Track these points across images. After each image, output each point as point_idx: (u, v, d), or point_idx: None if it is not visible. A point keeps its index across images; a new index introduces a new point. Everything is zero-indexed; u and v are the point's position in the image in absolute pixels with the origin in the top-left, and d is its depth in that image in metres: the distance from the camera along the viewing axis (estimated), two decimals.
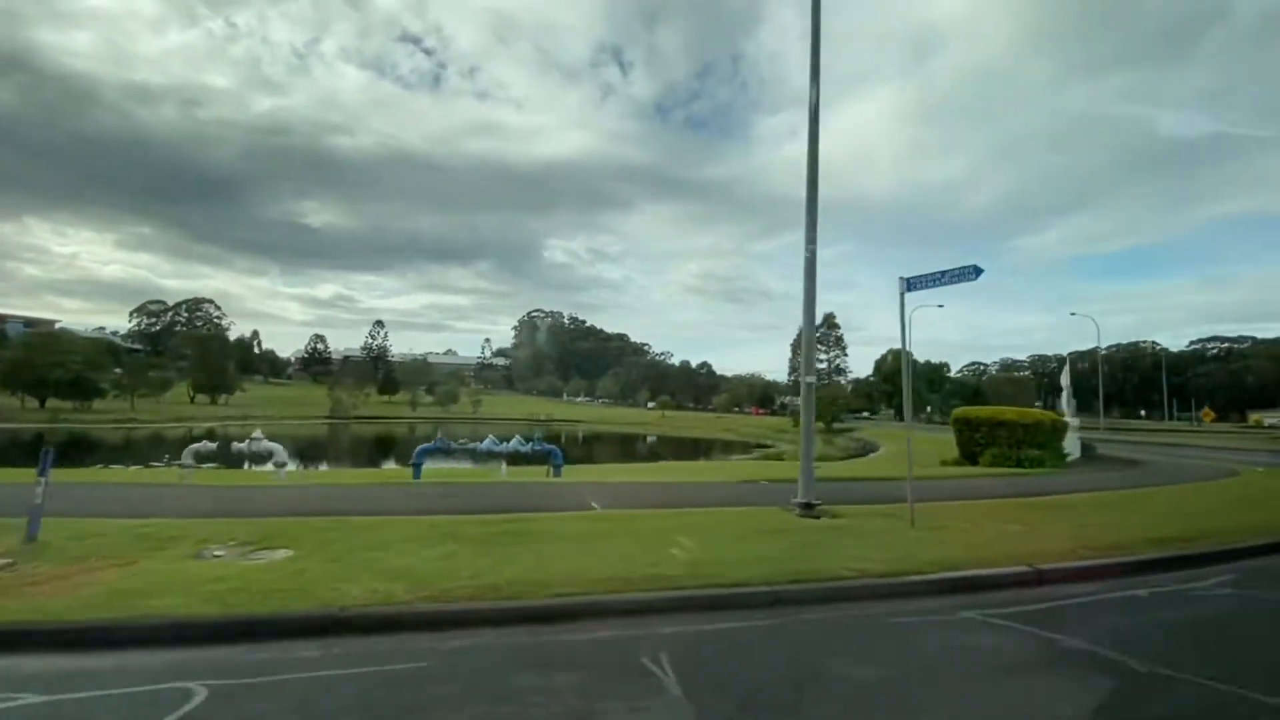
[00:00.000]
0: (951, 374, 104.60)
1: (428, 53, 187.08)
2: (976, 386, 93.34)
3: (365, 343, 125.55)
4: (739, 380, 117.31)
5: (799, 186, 9.25)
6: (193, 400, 74.27)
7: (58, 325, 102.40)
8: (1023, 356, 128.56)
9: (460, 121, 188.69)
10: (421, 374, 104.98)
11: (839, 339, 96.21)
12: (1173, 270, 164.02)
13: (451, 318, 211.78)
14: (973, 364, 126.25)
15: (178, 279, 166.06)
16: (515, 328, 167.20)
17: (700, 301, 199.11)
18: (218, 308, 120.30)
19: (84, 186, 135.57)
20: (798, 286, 9.37)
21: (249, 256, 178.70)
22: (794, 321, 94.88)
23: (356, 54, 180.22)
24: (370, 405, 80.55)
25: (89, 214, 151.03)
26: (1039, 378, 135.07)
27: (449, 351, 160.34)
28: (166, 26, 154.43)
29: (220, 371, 74.24)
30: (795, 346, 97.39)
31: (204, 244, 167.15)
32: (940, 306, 55.62)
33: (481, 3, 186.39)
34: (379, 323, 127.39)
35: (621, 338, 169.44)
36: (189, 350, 76.40)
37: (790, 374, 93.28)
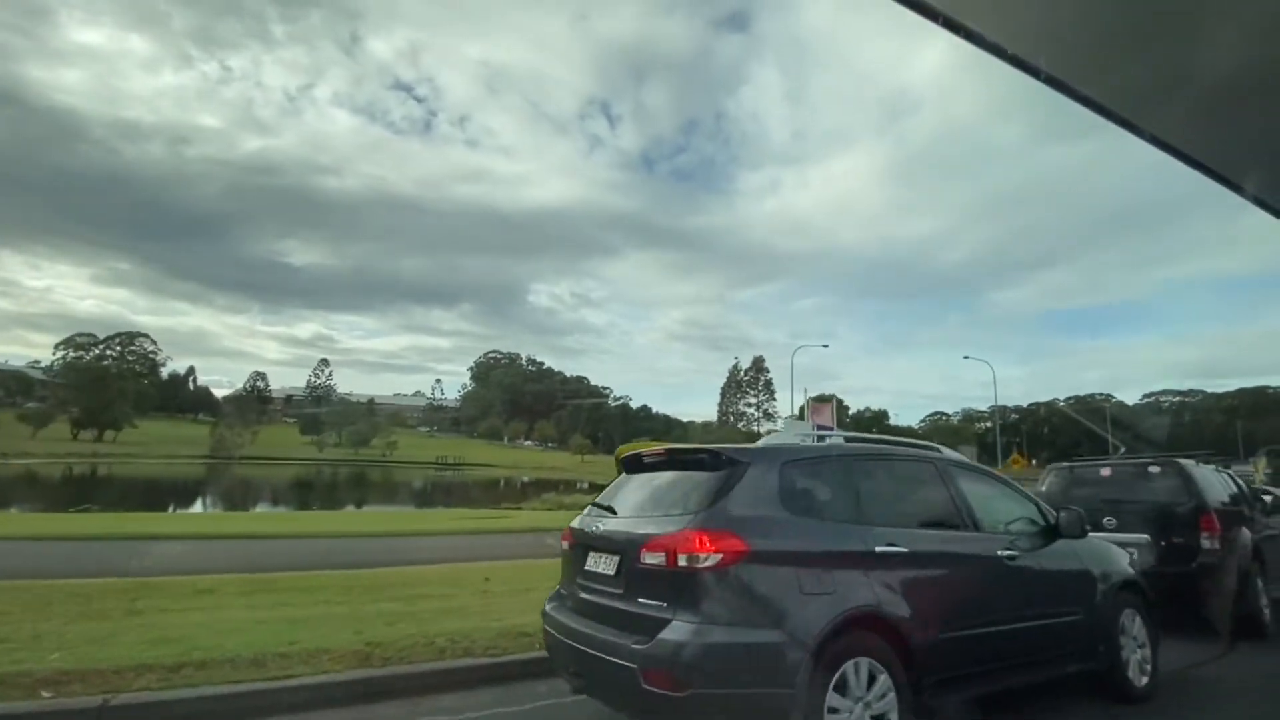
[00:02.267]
0: (897, 422, 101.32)
1: (419, 100, 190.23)
2: (914, 434, 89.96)
3: (309, 381, 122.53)
4: (676, 424, 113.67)
5: (778, 238, 6.72)
6: (75, 437, 70.08)
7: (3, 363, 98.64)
8: (984, 408, 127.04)
9: (449, 167, 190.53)
10: (349, 415, 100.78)
11: (768, 383, 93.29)
12: (1137, 327, 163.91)
13: (432, 359, 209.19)
14: (935, 413, 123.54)
15: (154, 315, 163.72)
16: (471, 368, 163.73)
17: (683, 348, 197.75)
18: (153, 342, 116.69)
19: (63, 221, 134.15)
20: (777, 335, 7.43)
21: (229, 294, 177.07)
22: (775, 368, 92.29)
23: (349, 99, 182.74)
24: (260, 445, 76.18)
25: (66, 248, 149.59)
26: (993, 427, 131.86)
27: (417, 393, 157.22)
28: (160, 67, 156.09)
29: (105, 407, 70.22)
30: (724, 391, 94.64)
31: (183, 281, 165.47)
32: (825, 346, 53.34)
33: (474, 55, 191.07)
34: (324, 361, 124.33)
35: (580, 380, 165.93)
36: (68, 383, 72.49)
37: (719, 417, 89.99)
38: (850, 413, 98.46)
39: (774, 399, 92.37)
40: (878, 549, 3.33)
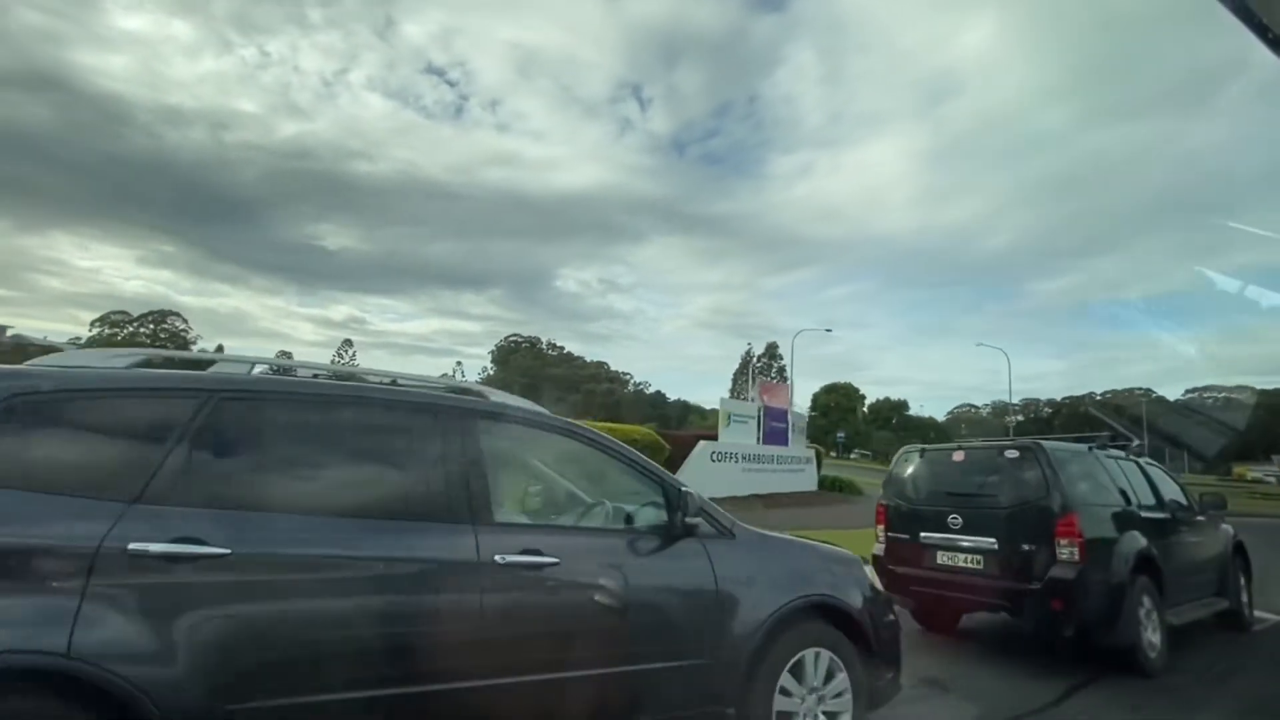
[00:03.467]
0: (921, 413, 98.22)
1: (451, 84, 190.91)
2: (933, 425, 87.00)
3: (332, 360, 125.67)
4: (695, 409, 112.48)
5: (809, 224, 5.95)
6: None
7: (10, 333, 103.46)
8: (1018, 400, 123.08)
9: (479, 151, 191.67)
10: None
11: (781, 370, 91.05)
12: (1186, 319, 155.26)
13: (462, 343, 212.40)
14: (963, 405, 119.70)
15: (196, 296, 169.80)
16: (492, 351, 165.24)
17: (711, 336, 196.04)
18: (184, 321, 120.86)
19: (111, 204, 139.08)
20: (806, 323, 6.33)
21: (267, 276, 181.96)
22: (803, 357, 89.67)
23: (382, 84, 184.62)
24: None
25: (114, 230, 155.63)
26: (1029, 420, 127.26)
27: (444, 375, 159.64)
28: (201, 52, 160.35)
29: None
30: (735, 378, 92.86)
31: (224, 263, 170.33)
32: (828, 331, 51.17)
33: (505, 37, 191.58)
34: (347, 341, 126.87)
35: (600, 365, 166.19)
36: None
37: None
38: (867, 402, 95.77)
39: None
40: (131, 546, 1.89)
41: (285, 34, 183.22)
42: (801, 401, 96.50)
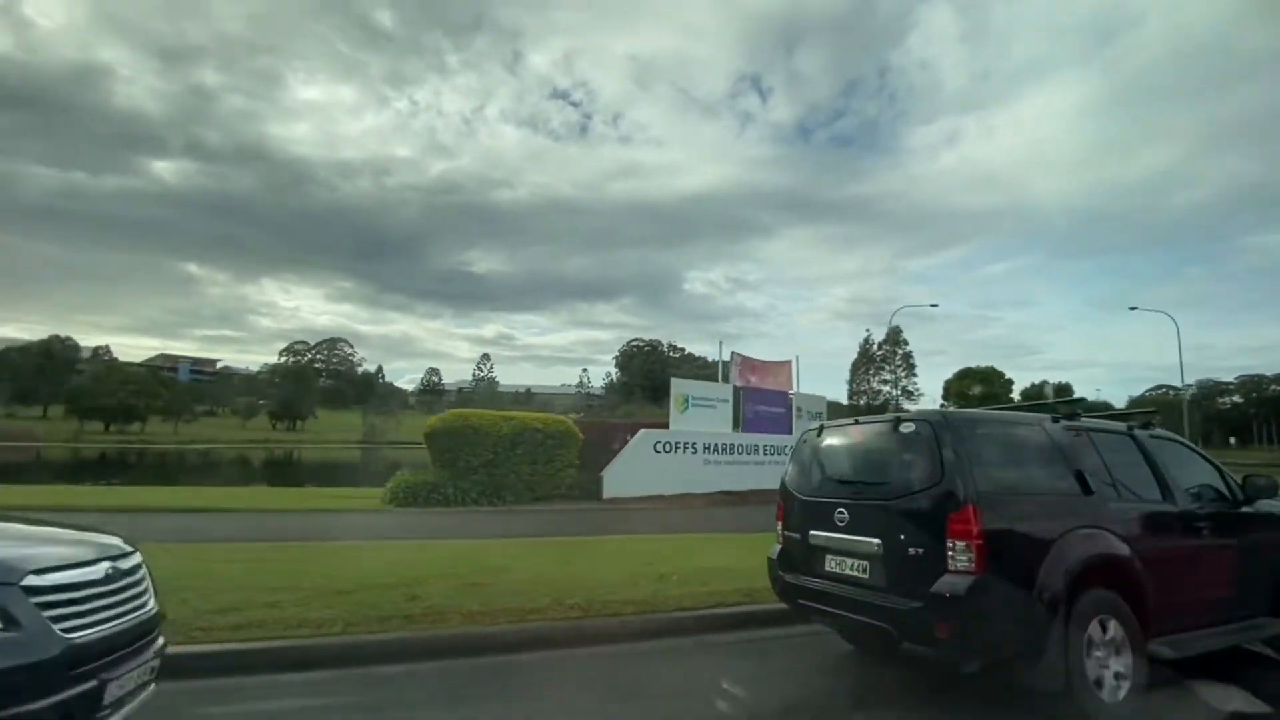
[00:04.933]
0: (1103, 398, 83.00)
1: (575, 105, 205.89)
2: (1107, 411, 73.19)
3: (473, 374, 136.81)
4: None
5: (957, 196, 6.89)
6: (273, 426, 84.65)
7: (219, 365, 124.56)
8: (1251, 375, 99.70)
9: (605, 166, 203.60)
10: (497, 403, 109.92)
11: (907, 356, 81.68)
12: None
13: (596, 351, 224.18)
14: (1158, 387, 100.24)
15: (371, 324, 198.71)
16: (615, 357, 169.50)
17: (849, 327, 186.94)
18: (351, 346, 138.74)
19: (303, 251, 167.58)
20: (959, 308, 6.92)
21: (427, 302, 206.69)
22: (958, 344, 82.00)
23: (514, 114, 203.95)
24: (406, 431, 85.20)
25: (307, 273, 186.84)
26: (1249, 401, 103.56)
27: (579, 385, 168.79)
28: (363, 111, 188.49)
29: (295, 401, 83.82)
30: (854, 368, 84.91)
31: (392, 294, 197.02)
32: (934, 306, 44.79)
33: (622, 50, 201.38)
34: (485, 356, 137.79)
35: (717, 365, 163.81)
36: (270, 382, 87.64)
37: (849, 396, 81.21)
38: (1018, 387, 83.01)
39: (914, 374, 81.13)
40: None
41: (429, 82, 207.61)
42: (932, 389, 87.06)
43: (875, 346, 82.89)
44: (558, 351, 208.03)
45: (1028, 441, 4.19)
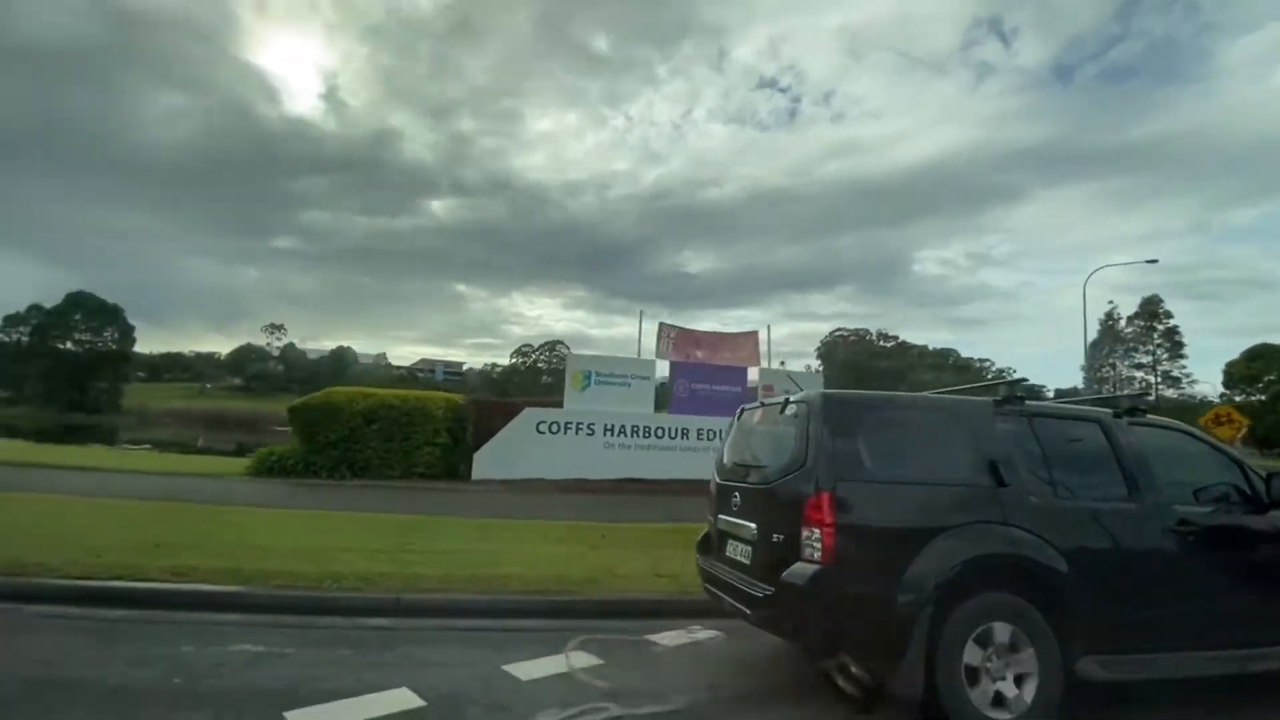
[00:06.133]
0: None
1: (783, 91, 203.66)
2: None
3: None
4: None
5: None
6: None
7: (465, 367, 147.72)
8: None
9: (816, 148, 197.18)
10: None
11: (1170, 333, 61.49)
12: None
13: (814, 344, 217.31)
14: None
15: (600, 328, 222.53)
16: (817, 349, 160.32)
17: (1134, 303, 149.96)
18: (567, 347, 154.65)
19: (542, 266, 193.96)
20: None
21: (647, 304, 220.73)
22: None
23: (721, 112, 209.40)
24: None
25: (546, 286, 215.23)
26: None
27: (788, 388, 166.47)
28: (585, 133, 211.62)
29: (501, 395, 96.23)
30: (1092, 349, 66.53)
31: (616, 299, 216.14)
32: (1153, 262, 33.09)
33: (831, 24, 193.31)
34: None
35: (943, 354, 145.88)
36: (479, 383, 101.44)
37: (1086, 384, 64.45)
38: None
39: (1181, 356, 61.25)
40: None
41: (642, 96, 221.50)
42: (1211, 378, 63.84)
43: (1124, 322, 64.66)
44: (771, 346, 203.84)
45: (933, 427, 3.88)
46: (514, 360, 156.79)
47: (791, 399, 4.08)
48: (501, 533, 8.48)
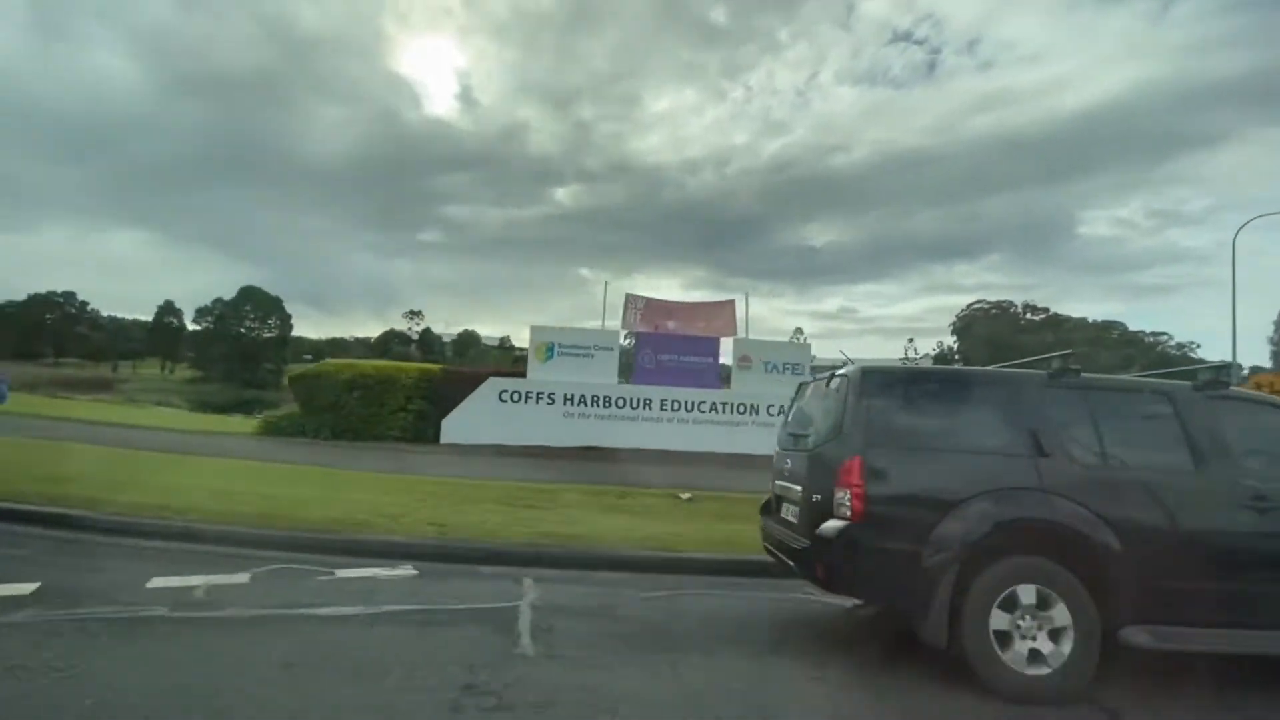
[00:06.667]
0: None
1: (919, 44, 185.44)
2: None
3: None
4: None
5: None
6: None
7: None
8: None
9: (959, 103, 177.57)
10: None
11: None
12: None
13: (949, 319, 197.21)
14: None
15: None
16: (952, 324, 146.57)
17: None
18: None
19: (661, 246, 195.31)
20: None
21: (769, 281, 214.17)
22: None
23: (849, 73, 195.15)
24: None
25: (667, 265, 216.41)
26: None
27: (924, 357, 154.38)
28: (704, 108, 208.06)
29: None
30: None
31: (737, 276, 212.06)
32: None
33: None
34: (798, 330, 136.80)
35: (1110, 326, 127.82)
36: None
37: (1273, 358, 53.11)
38: None
39: None
40: None
41: (762, 64, 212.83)
42: None
43: None
44: (907, 322, 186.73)
45: (974, 399, 4.07)
46: (626, 341, 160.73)
47: (837, 373, 4.35)
48: (370, 485, 9.07)
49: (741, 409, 15.02)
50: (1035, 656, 3.49)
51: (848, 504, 3.72)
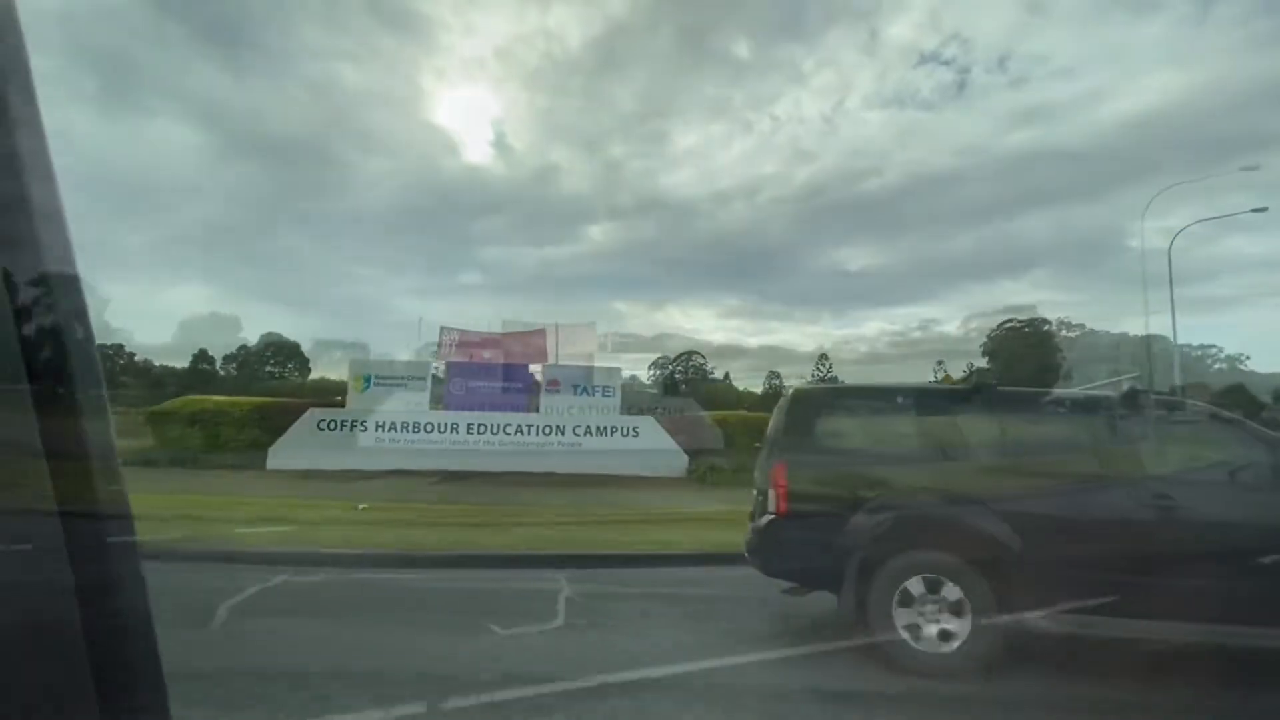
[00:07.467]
0: None
1: (947, 64, 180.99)
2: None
3: (812, 374, 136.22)
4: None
5: None
6: None
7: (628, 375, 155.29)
8: None
9: (991, 121, 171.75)
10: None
11: None
12: None
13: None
14: None
15: (755, 336, 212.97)
16: (983, 343, 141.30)
17: None
18: (703, 357, 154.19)
19: (694, 278, 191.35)
20: None
21: (805, 308, 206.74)
22: None
23: (876, 97, 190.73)
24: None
25: (700, 297, 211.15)
26: None
27: (934, 380, 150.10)
28: (731, 140, 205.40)
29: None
30: None
31: (771, 304, 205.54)
32: (1261, 211, 24.86)
33: None
34: (823, 356, 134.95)
35: (1150, 341, 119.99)
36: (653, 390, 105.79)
37: None
38: None
39: None
40: None
41: (788, 94, 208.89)
42: None
43: None
44: (953, 344, 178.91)
45: (891, 412, 4.76)
46: (654, 372, 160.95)
47: (785, 393, 5.13)
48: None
49: (548, 430, 15.46)
50: (939, 636, 3.84)
51: (774, 501, 4.38)
